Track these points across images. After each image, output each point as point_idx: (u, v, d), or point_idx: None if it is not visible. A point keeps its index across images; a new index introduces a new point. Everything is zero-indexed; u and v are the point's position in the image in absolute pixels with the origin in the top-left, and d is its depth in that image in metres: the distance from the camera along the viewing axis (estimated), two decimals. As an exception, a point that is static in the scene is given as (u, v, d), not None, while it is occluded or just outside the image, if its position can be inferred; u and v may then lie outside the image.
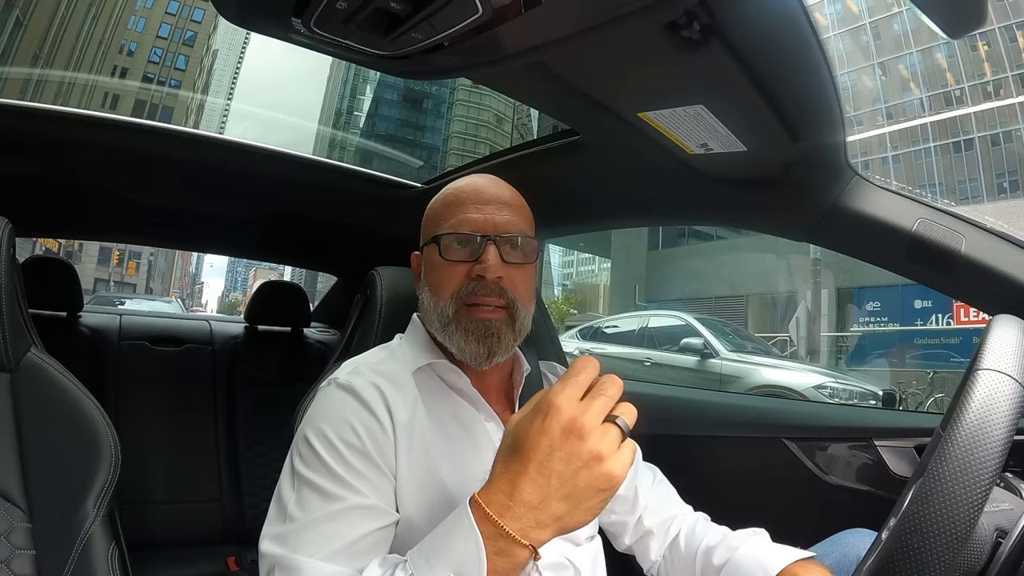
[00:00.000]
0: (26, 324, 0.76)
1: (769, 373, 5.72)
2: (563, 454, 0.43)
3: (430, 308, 0.68)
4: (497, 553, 0.43)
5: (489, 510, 0.44)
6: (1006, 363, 0.51)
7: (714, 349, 6.12)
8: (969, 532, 0.45)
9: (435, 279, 0.67)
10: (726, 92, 0.72)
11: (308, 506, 0.56)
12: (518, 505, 0.44)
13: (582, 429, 0.43)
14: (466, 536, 0.44)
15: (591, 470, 0.43)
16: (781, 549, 0.66)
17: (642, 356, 6.90)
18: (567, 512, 0.44)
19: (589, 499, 0.44)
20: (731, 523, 0.75)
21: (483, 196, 0.68)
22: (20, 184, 1.28)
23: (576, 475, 0.43)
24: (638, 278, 19.03)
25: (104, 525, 0.68)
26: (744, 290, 15.54)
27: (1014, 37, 17.14)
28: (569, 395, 0.44)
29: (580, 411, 0.44)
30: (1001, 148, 17.18)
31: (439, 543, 0.47)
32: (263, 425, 1.74)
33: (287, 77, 77.73)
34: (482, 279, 0.65)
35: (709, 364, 6.06)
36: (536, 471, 0.43)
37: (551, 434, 0.43)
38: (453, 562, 0.44)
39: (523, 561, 0.44)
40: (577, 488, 0.43)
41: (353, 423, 0.60)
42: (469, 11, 0.55)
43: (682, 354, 6.39)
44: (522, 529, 0.43)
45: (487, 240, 0.65)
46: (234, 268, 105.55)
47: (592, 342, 7.87)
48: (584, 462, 0.43)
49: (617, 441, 0.44)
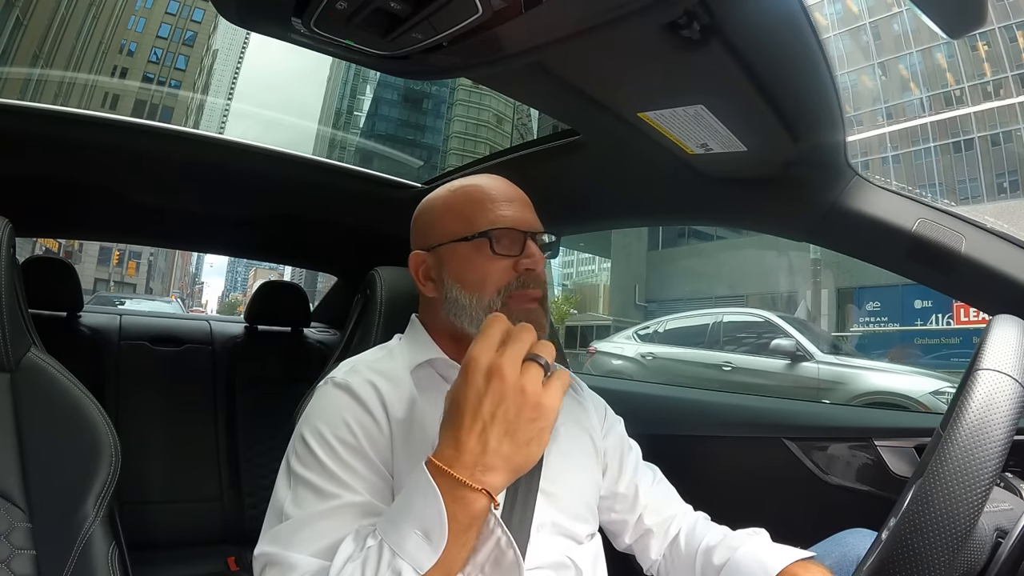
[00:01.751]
0: (26, 324, 0.76)
1: (875, 378, 4.98)
2: (490, 397, 0.46)
3: (470, 305, 0.67)
4: (455, 502, 0.45)
5: (440, 463, 0.46)
6: (1006, 363, 0.51)
7: (807, 352, 5.36)
8: (969, 532, 0.45)
9: (476, 274, 0.67)
10: (726, 92, 0.72)
11: (303, 504, 0.56)
12: (464, 454, 0.46)
13: (502, 370, 0.46)
14: (424, 491, 0.46)
15: (519, 404, 0.46)
16: (781, 549, 0.66)
17: (719, 359, 6.19)
18: (512, 450, 0.47)
19: (527, 431, 0.47)
20: (731, 523, 0.75)
21: (509, 195, 0.70)
22: (20, 184, 1.28)
23: (507, 413, 0.46)
24: (638, 278, 19.02)
25: (104, 525, 0.68)
26: (744, 290, 15.53)
27: (1014, 37, 17.14)
28: (483, 346, 0.48)
29: (496, 356, 0.47)
30: (1001, 148, 17.18)
31: (402, 505, 0.48)
32: (263, 425, 1.74)
33: (287, 77, 77.81)
34: (531, 272, 0.67)
35: (802, 369, 5.34)
36: (471, 419, 0.47)
37: (475, 383, 0.47)
38: (416, 519, 0.46)
39: (481, 509, 0.46)
40: (511, 424, 0.46)
41: (349, 421, 0.60)
42: (469, 11, 0.55)
43: (770, 357, 5.61)
44: (472, 475, 0.46)
45: (528, 235, 0.68)
46: (234, 268, 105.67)
47: (654, 344, 6.97)
48: (511, 398, 0.46)
49: (539, 375, 0.48)
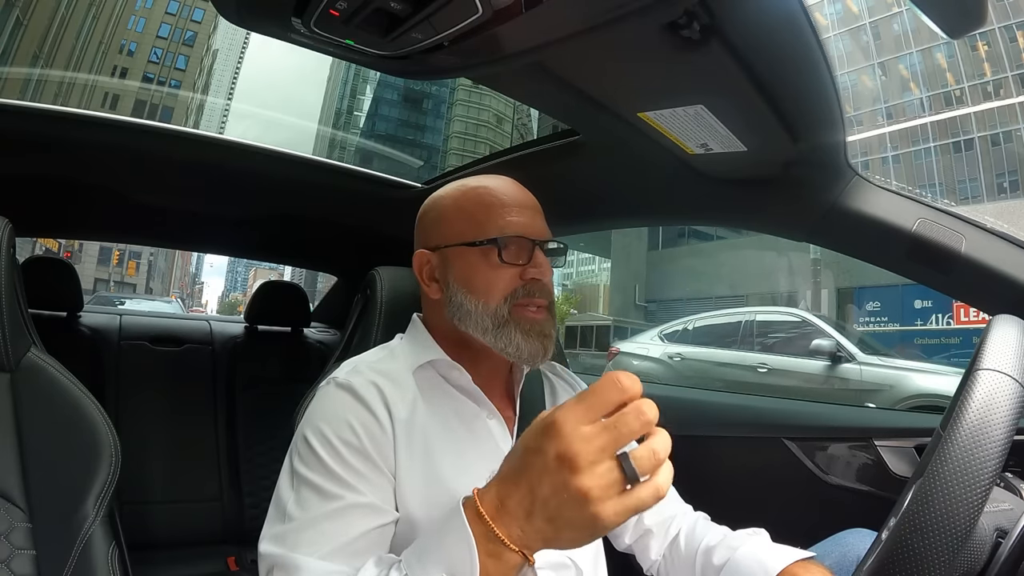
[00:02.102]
0: (26, 324, 0.76)
1: (922, 380, 4.63)
2: (551, 481, 0.40)
3: (476, 310, 0.66)
4: (489, 555, 0.42)
5: (482, 509, 0.43)
6: (1006, 363, 0.51)
7: (848, 352, 5.01)
8: (969, 532, 0.45)
9: (483, 281, 0.66)
10: (726, 92, 0.72)
11: (307, 505, 0.56)
12: (506, 513, 0.42)
13: (575, 461, 0.39)
14: (458, 535, 0.43)
15: (576, 507, 0.39)
16: (781, 549, 0.66)
17: (753, 361, 5.79)
18: (553, 535, 0.42)
19: (573, 531, 0.41)
20: (731, 523, 0.74)
21: (521, 201, 0.69)
22: (20, 184, 1.28)
23: (561, 506, 0.40)
24: (638, 278, 19.02)
25: (104, 525, 0.68)
26: (744, 290, 15.53)
27: (1014, 37, 17.14)
28: (576, 417, 0.40)
29: (581, 440, 0.39)
30: (1001, 148, 17.18)
31: (432, 542, 0.46)
32: (263, 425, 1.74)
33: (287, 77, 77.77)
34: (537, 282, 0.66)
35: (843, 371, 5.00)
36: (526, 488, 0.42)
37: (546, 456, 0.40)
38: (445, 561, 0.44)
39: (516, 565, 0.43)
40: (561, 517, 0.41)
41: (351, 422, 0.60)
42: (469, 11, 0.55)
43: (809, 359, 5.29)
44: (511, 535, 0.42)
45: (536, 244, 0.67)
46: (234, 268, 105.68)
47: (681, 344, 6.49)
48: (571, 497, 0.39)
49: (615, 484, 0.39)
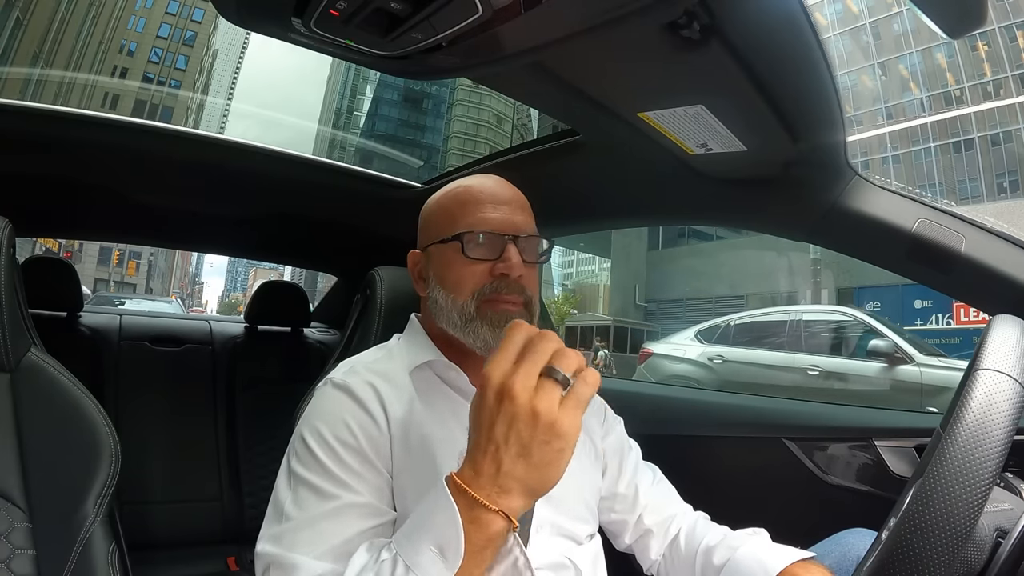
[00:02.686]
0: (26, 324, 0.76)
1: None
2: (501, 419, 0.44)
3: (446, 306, 0.67)
4: (472, 522, 0.44)
5: (459, 480, 0.45)
6: (1006, 363, 0.51)
7: (906, 353, 4.77)
8: (969, 532, 0.45)
9: (453, 276, 0.67)
10: (726, 92, 0.71)
11: (304, 505, 0.56)
12: (480, 475, 0.45)
13: (512, 390, 0.44)
14: (443, 508, 0.45)
15: (531, 427, 0.43)
16: (781, 549, 0.66)
17: (803, 363, 5.58)
18: (525, 472, 0.44)
19: (542, 455, 0.44)
20: (731, 523, 0.75)
21: (499, 197, 0.69)
22: (20, 184, 1.28)
23: (519, 435, 0.44)
24: (638, 278, 19.03)
25: (104, 525, 0.68)
26: (744, 290, 15.54)
27: (1014, 37, 17.15)
28: (497, 362, 0.45)
29: (509, 374, 0.44)
30: (1001, 148, 17.19)
31: (420, 519, 0.48)
32: (263, 425, 1.74)
33: (287, 77, 77.85)
34: (505, 277, 0.65)
35: (902, 372, 4.76)
36: (485, 440, 0.45)
37: (488, 404, 0.45)
38: (433, 536, 0.45)
39: (498, 531, 0.45)
40: (525, 447, 0.44)
41: (348, 422, 0.60)
42: (469, 11, 0.55)
43: (863, 360, 5.07)
44: (489, 496, 0.44)
45: (509, 239, 0.66)
46: (234, 268, 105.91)
47: (720, 345, 6.17)
48: (523, 420, 0.43)
49: (554, 393, 0.44)
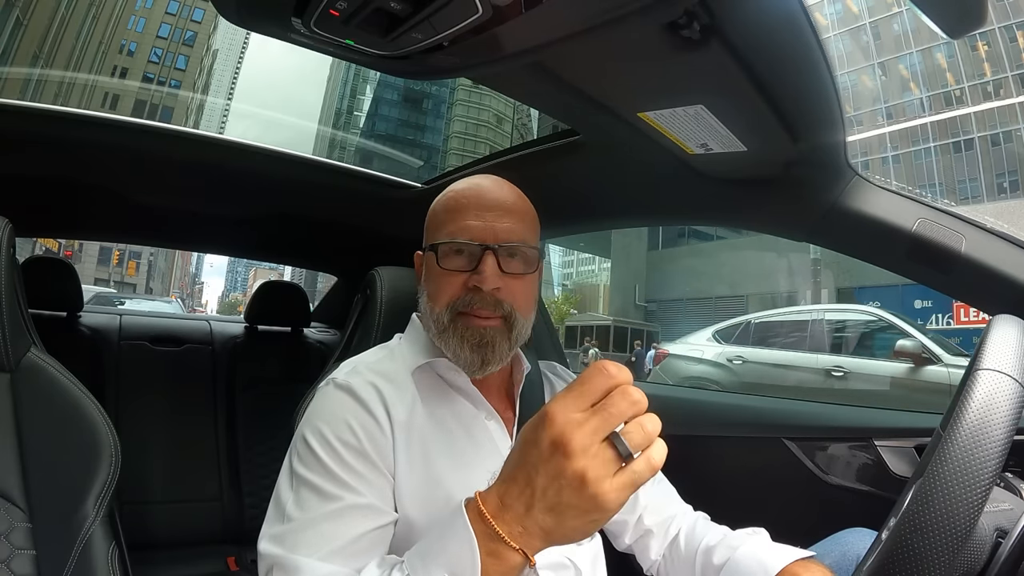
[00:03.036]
0: (26, 324, 0.76)
1: None
2: (547, 469, 0.41)
3: (427, 314, 0.68)
4: (490, 554, 0.43)
5: (484, 509, 0.43)
6: (1006, 363, 0.51)
7: (933, 354, 4.64)
8: (969, 532, 0.45)
9: (433, 286, 0.67)
10: (726, 92, 0.71)
11: (306, 506, 0.56)
12: (507, 510, 0.43)
13: (568, 446, 0.40)
14: (460, 536, 0.44)
15: (575, 491, 0.40)
16: (781, 548, 0.66)
17: (827, 363, 5.40)
18: (554, 526, 0.42)
19: (574, 519, 0.41)
20: (731, 523, 0.74)
21: (484, 202, 0.67)
22: (20, 184, 1.28)
23: (559, 493, 0.41)
24: (638, 278, 19.04)
25: (104, 525, 0.68)
26: (744, 290, 15.55)
27: (1014, 37, 17.15)
28: (566, 405, 0.41)
29: (572, 425, 0.40)
30: (1001, 148, 17.19)
31: (434, 543, 0.46)
32: (263, 425, 1.74)
33: (287, 77, 77.87)
34: (479, 290, 0.64)
35: (929, 373, 4.60)
36: (524, 481, 0.42)
37: (540, 446, 0.41)
38: (448, 562, 0.44)
39: (516, 565, 0.43)
40: (561, 505, 0.41)
41: (351, 422, 0.60)
42: (469, 11, 0.55)
43: (889, 360, 4.91)
44: (511, 533, 0.42)
45: (485, 250, 0.64)
46: (234, 268, 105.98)
47: (739, 346, 5.98)
48: (568, 481, 0.40)
49: (610, 464, 0.40)
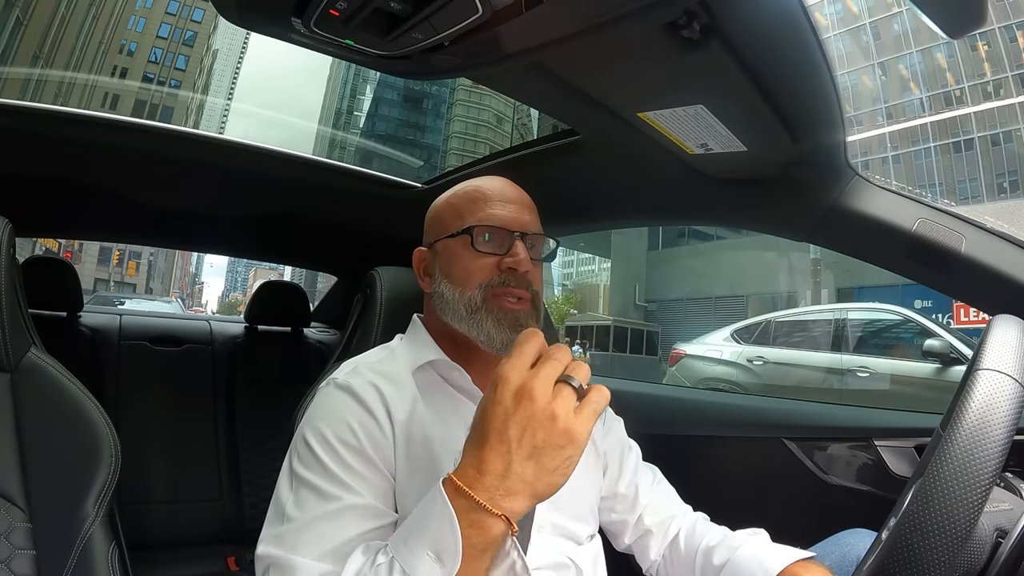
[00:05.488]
0: (26, 324, 0.76)
1: None
2: (517, 418, 0.44)
3: (453, 299, 0.68)
4: (471, 526, 0.44)
5: (460, 483, 0.45)
6: (1006, 363, 0.51)
7: (961, 354, 4.56)
8: (969, 532, 0.45)
9: (461, 270, 0.68)
10: (726, 92, 0.71)
11: (305, 506, 0.56)
12: (485, 476, 0.44)
13: (532, 392, 0.44)
14: (440, 512, 0.44)
15: (548, 430, 0.44)
16: (781, 549, 0.66)
17: (851, 364, 5.33)
18: (534, 475, 0.44)
19: (553, 459, 0.44)
20: (731, 523, 0.75)
21: (508, 196, 0.70)
22: (20, 184, 1.28)
23: (534, 436, 0.44)
24: (638, 278, 19.02)
25: (104, 525, 0.68)
26: (744, 290, 15.54)
27: (1014, 37, 17.15)
28: (515, 364, 0.46)
29: (529, 375, 0.45)
30: (1001, 148, 17.19)
31: (416, 524, 0.47)
32: (263, 425, 1.74)
33: (287, 76, 77.90)
34: (513, 271, 0.66)
35: (956, 373, 4.44)
36: (496, 439, 0.45)
37: (504, 402, 0.45)
38: (430, 540, 0.45)
39: (498, 535, 0.44)
40: (537, 449, 0.44)
41: (351, 423, 0.60)
42: (469, 11, 0.55)
43: (916, 361, 4.79)
44: (491, 498, 0.44)
45: (517, 235, 0.67)
46: (234, 268, 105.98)
47: (760, 346, 5.80)
48: (539, 422, 0.44)
49: (571, 399, 0.45)
